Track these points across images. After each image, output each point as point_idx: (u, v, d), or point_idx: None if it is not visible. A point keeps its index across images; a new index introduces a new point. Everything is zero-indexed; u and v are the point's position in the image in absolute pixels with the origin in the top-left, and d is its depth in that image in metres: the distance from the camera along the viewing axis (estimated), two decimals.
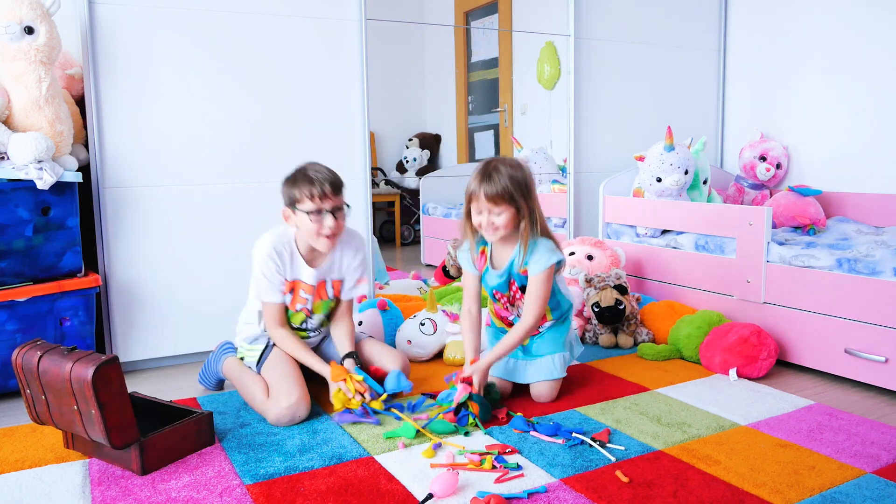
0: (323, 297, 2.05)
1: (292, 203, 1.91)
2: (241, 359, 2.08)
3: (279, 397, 1.85)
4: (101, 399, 1.48)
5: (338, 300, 2.09)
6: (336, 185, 1.90)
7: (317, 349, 2.18)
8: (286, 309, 2.01)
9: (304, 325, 2.08)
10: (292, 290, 2.00)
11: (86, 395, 1.49)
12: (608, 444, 1.70)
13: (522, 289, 1.97)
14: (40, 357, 1.57)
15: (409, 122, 3.82)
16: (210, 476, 1.57)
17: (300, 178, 1.90)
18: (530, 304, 1.93)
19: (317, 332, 2.13)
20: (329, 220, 1.89)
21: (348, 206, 1.96)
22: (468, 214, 1.95)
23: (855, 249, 2.31)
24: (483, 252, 2.00)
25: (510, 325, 2.07)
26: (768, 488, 1.48)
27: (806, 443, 1.71)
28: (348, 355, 2.01)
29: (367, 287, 2.12)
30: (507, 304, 2.04)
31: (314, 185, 1.86)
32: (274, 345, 2.01)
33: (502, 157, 1.94)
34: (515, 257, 1.94)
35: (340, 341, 2.06)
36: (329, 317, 2.12)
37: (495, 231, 1.90)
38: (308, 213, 1.88)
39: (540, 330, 2.07)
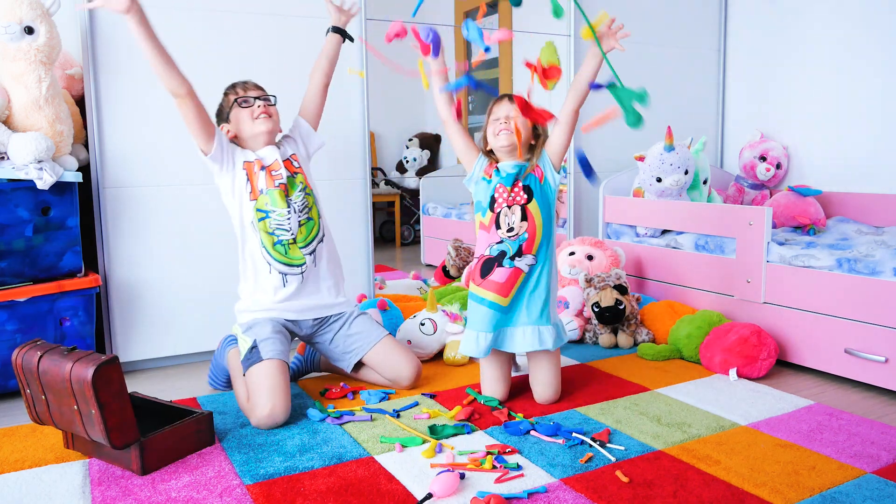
0: (290, 169, 2.09)
1: (223, 113, 2.09)
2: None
3: (256, 408, 1.83)
4: (101, 399, 1.48)
5: (302, 179, 2.13)
6: (255, 83, 2.09)
7: (327, 332, 2.12)
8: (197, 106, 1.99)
9: (291, 206, 2.05)
10: (262, 168, 2.05)
11: (86, 395, 1.49)
12: (608, 444, 1.70)
13: (525, 188, 1.93)
14: (40, 357, 1.57)
15: (409, 122, 3.82)
16: (210, 476, 1.57)
17: (225, 91, 2.10)
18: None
19: (319, 253, 2.10)
20: (257, 105, 2.04)
21: (274, 96, 2.10)
22: (483, 138, 2.01)
23: (855, 249, 2.31)
24: (492, 163, 1.99)
25: (479, 278, 1.96)
26: (768, 488, 1.48)
27: (806, 443, 1.71)
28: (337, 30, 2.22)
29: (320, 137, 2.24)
30: (504, 206, 1.94)
31: (234, 85, 2.09)
32: (259, 349, 1.93)
33: None
34: (526, 159, 1.97)
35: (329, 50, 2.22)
36: (308, 195, 2.12)
37: (508, 129, 1.92)
38: (238, 104, 2.04)
39: (507, 297, 1.93)
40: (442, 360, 2.43)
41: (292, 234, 2.05)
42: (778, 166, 3.27)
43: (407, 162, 3.83)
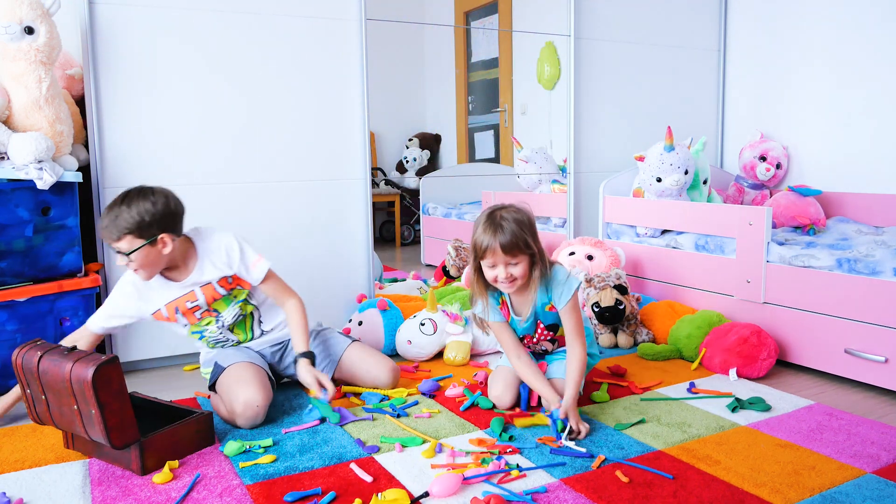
0: (216, 296, 1.94)
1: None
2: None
3: (233, 407, 1.82)
4: (101, 399, 1.48)
5: (245, 292, 2.00)
6: (108, 231, 1.74)
7: (290, 355, 2.12)
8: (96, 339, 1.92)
9: (220, 323, 1.98)
10: (178, 310, 1.92)
11: (86, 395, 1.49)
12: (578, 438, 1.72)
13: (549, 327, 1.94)
14: (40, 357, 1.57)
15: (409, 122, 3.82)
16: (210, 476, 1.57)
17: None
18: (572, 336, 1.85)
19: (261, 332, 2.07)
20: (121, 260, 1.78)
21: (121, 252, 1.75)
22: (478, 270, 1.84)
23: (855, 249, 2.31)
24: (504, 302, 1.92)
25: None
26: (768, 488, 1.48)
27: (806, 443, 1.71)
28: (304, 354, 1.94)
29: (265, 264, 1.96)
30: (531, 343, 2.01)
31: (101, 226, 1.75)
32: (219, 363, 1.95)
33: (500, 204, 1.81)
34: (536, 299, 1.86)
35: (293, 334, 1.99)
36: (247, 303, 2.02)
37: (513, 283, 1.79)
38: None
39: (553, 350, 2.04)
40: (442, 360, 2.43)
41: (232, 340, 2.05)
42: (778, 166, 3.27)
43: (407, 162, 3.83)
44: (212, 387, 1.95)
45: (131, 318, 1.91)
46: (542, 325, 1.94)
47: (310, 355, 1.95)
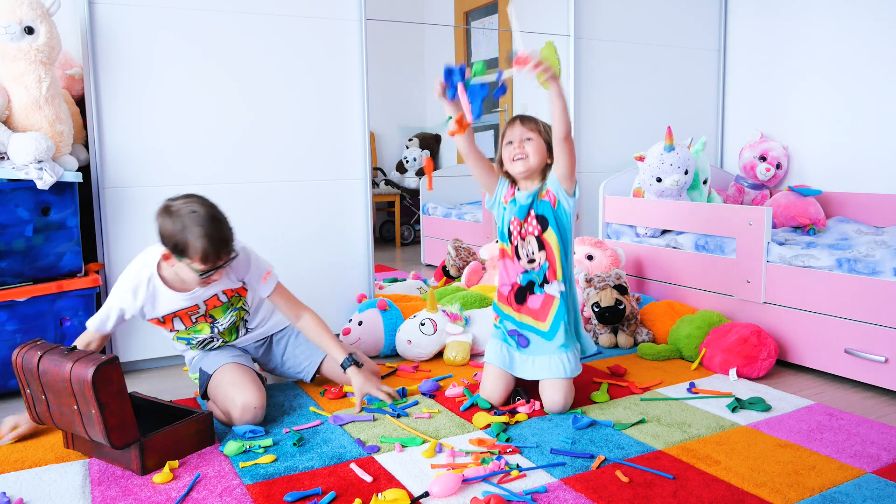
0: (217, 303, 1.93)
1: (178, 252, 1.72)
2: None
3: (231, 411, 1.82)
4: (101, 399, 1.48)
5: (242, 298, 2.00)
6: (228, 242, 1.76)
7: (274, 351, 2.13)
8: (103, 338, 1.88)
9: (215, 330, 1.98)
10: (176, 317, 1.90)
11: (86, 395, 1.49)
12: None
13: (539, 219, 1.94)
14: (40, 357, 1.57)
15: (409, 122, 3.82)
16: (210, 476, 1.57)
17: (191, 234, 1.70)
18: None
19: (246, 331, 2.06)
20: (217, 274, 1.79)
21: (236, 253, 1.81)
22: (500, 161, 1.99)
23: (855, 249, 2.31)
24: (512, 186, 2.01)
25: (516, 304, 1.99)
26: (768, 488, 1.48)
27: (806, 443, 1.71)
28: (350, 362, 1.97)
29: (274, 279, 1.97)
30: (518, 238, 1.96)
31: (208, 249, 1.70)
32: (204, 369, 1.95)
33: None
34: (538, 185, 1.95)
35: (325, 347, 2.00)
36: (241, 310, 2.02)
37: (525, 159, 1.91)
38: (195, 270, 1.74)
39: (546, 322, 1.96)
40: (442, 360, 2.43)
41: (218, 341, 2.03)
42: (778, 166, 3.27)
43: (407, 162, 3.83)
44: (203, 394, 1.95)
45: (135, 315, 1.87)
46: (533, 213, 1.94)
47: (353, 361, 1.97)
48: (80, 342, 1.84)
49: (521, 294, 1.98)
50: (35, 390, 1.61)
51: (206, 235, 1.70)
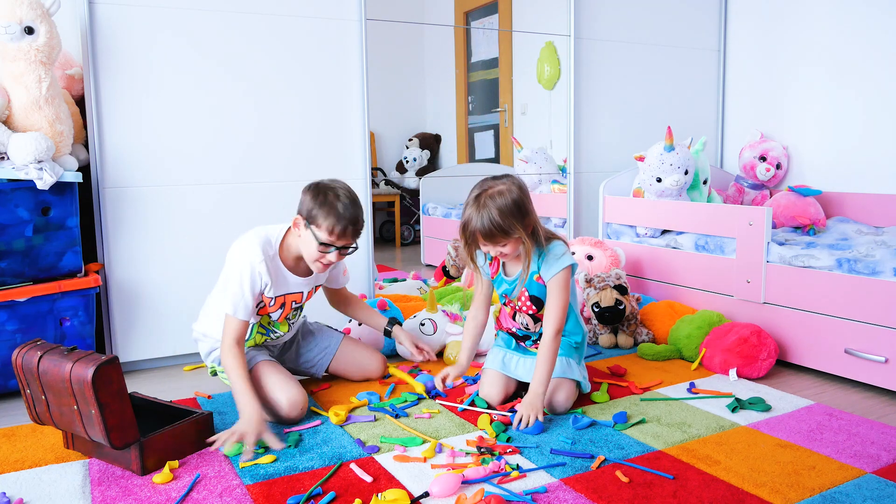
0: (305, 300, 2.04)
1: (309, 220, 1.83)
2: (213, 373, 2.10)
3: (280, 411, 1.86)
4: (101, 399, 1.48)
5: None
6: (358, 229, 1.86)
7: (292, 349, 2.19)
8: (248, 328, 1.91)
9: (285, 328, 2.08)
10: (283, 305, 1.97)
11: (86, 395, 1.49)
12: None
13: (532, 299, 1.94)
14: (40, 357, 1.57)
15: (409, 122, 3.82)
16: (210, 476, 1.57)
17: (330, 204, 1.81)
18: (551, 311, 1.86)
19: (290, 330, 2.13)
20: (333, 256, 1.86)
21: (356, 247, 1.91)
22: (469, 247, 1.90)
23: (855, 249, 2.31)
24: (496, 259, 1.97)
25: (514, 335, 2.07)
26: (768, 488, 1.48)
27: (806, 443, 1.71)
28: (392, 322, 2.23)
29: (349, 274, 2.22)
30: (513, 312, 2.02)
31: (340, 222, 1.80)
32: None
33: (491, 181, 1.83)
34: (529, 267, 1.89)
35: (371, 317, 2.25)
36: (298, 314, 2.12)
37: (504, 257, 1.91)
38: (321, 242, 1.83)
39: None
40: (442, 361, 2.43)
41: (279, 333, 2.10)
42: (778, 166, 3.27)
43: (407, 162, 3.83)
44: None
45: (259, 296, 1.90)
46: (525, 294, 1.95)
47: (396, 321, 2.25)
48: (230, 340, 1.82)
49: (519, 338, 2.07)
50: (35, 390, 1.61)
51: (342, 202, 1.81)
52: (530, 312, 1.98)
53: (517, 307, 2.00)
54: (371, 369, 2.21)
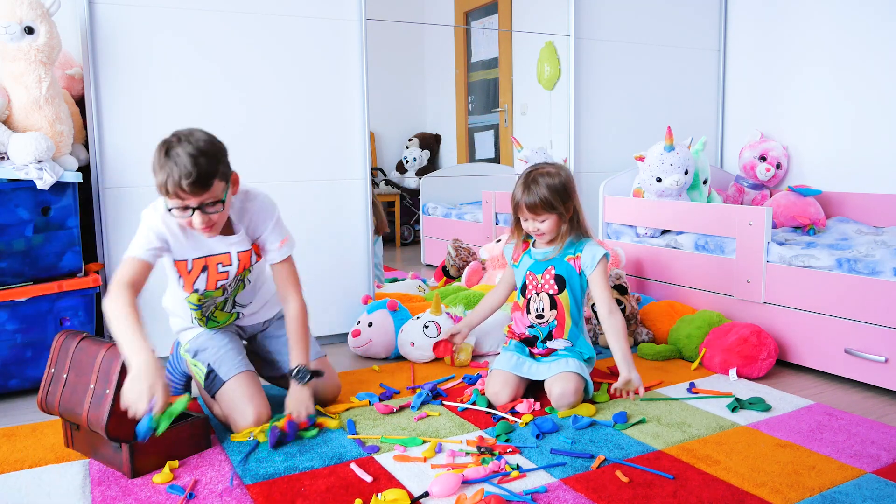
0: (246, 265, 1.80)
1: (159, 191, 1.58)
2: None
3: (240, 421, 1.77)
4: (121, 381, 1.50)
5: (248, 272, 1.86)
6: (197, 181, 1.52)
7: (255, 341, 2.04)
8: (146, 276, 1.68)
9: (223, 297, 1.86)
10: (205, 269, 1.75)
11: (109, 376, 1.53)
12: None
13: (556, 278, 1.98)
14: (83, 338, 1.66)
15: (409, 122, 3.82)
16: (210, 476, 1.57)
17: (161, 161, 1.55)
18: (601, 297, 1.97)
19: (245, 306, 1.93)
20: (198, 219, 1.59)
21: (216, 202, 1.61)
22: (517, 221, 2.04)
23: (855, 249, 2.31)
24: (526, 242, 2.07)
25: (525, 340, 2.08)
26: (768, 488, 1.48)
27: (806, 443, 1.71)
28: (307, 375, 1.81)
29: (291, 245, 1.85)
30: (527, 301, 2.03)
31: (168, 178, 1.51)
32: (217, 373, 1.83)
33: (542, 164, 2.00)
34: (560, 242, 1.99)
35: (293, 343, 1.85)
36: (242, 282, 1.87)
37: (542, 236, 1.99)
38: (169, 209, 1.58)
39: (555, 348, 2.05)
40: (443, 362, 2.43)
41: (212, 321, 1.92)
42: (778, 166, 3.27)
43: (407, 162, 3.83)
44: (209, 392, 1.88)
45: (165, 248, 1.70)
46: (552, 271, 2.00)
47: (304, 374, 1.80)
48: (119, 281, 1.61)
49: (529, 343, 2.08)
50: (60, 368, 1.65)
51: (175, 153, 1.53)
52: (550, 292, 1.99)
53: (538, 286, 2.01)
54: (328, 395, 2.00)
